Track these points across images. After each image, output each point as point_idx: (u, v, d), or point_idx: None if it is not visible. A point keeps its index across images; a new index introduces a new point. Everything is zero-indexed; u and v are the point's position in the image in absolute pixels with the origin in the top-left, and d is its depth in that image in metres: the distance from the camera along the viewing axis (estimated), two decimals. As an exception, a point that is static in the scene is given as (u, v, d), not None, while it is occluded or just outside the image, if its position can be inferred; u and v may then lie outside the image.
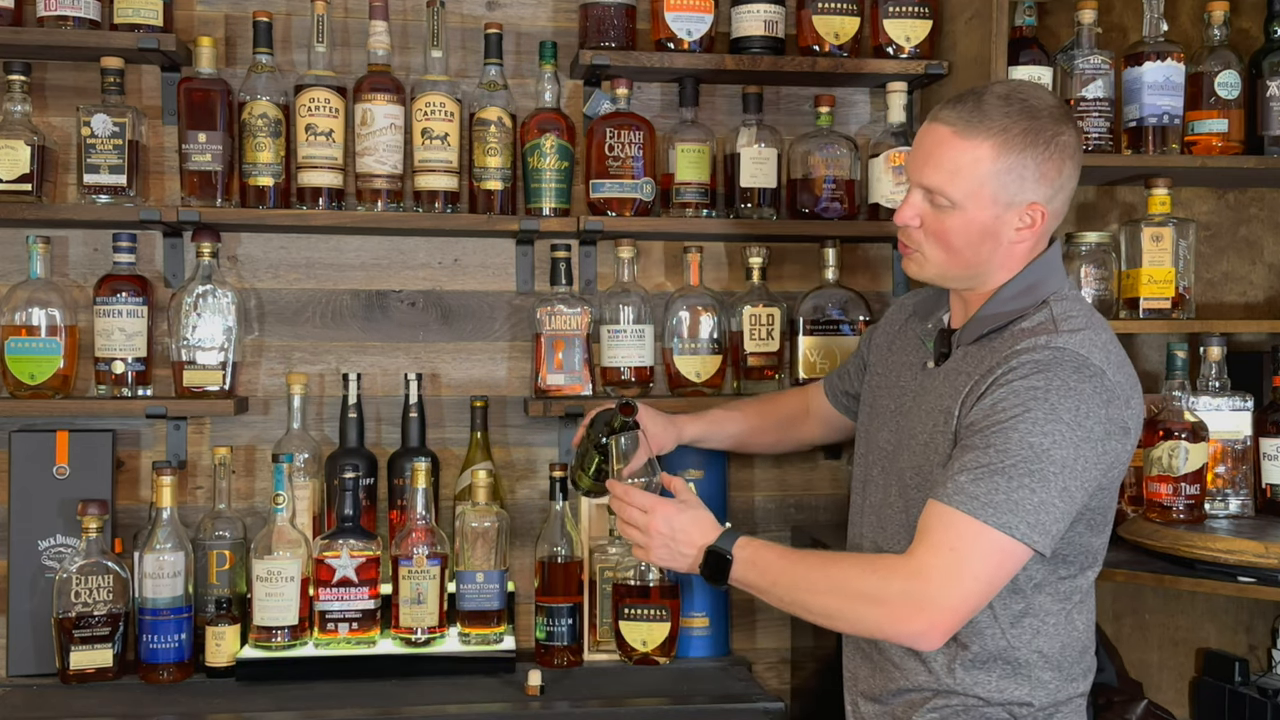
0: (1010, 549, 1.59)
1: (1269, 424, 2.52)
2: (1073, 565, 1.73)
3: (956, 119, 1.71)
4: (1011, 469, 1.58)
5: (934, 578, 1.59)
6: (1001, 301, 1.75)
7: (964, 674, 1.72)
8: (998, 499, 1.58)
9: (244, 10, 2.57)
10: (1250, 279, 2.87)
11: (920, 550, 1.62)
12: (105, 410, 2.44)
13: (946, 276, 1.79)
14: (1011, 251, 1.74)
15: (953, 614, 1.60)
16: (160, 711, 2.18)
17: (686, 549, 1.82)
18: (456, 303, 2.67)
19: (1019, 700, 1.72)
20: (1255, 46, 2.67)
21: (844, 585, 1.66)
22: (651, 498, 1.87)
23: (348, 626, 2.37)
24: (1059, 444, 1.59)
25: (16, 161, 2.36)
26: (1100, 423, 1.62)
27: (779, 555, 1.75)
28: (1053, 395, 1.60)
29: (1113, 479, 1.71)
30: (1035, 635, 1.72)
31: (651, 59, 2.52)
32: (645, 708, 2.24)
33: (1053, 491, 1.59)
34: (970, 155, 1.69)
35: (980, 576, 1.59)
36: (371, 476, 2.52)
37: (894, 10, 2.57)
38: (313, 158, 2.44)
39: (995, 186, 1.69)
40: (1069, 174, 1.73)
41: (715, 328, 2.58)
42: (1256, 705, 2.56)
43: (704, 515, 1.84)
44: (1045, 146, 1.69)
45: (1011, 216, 1.71)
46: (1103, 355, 1.66)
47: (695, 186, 2.57)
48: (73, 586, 2.30)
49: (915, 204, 1.76)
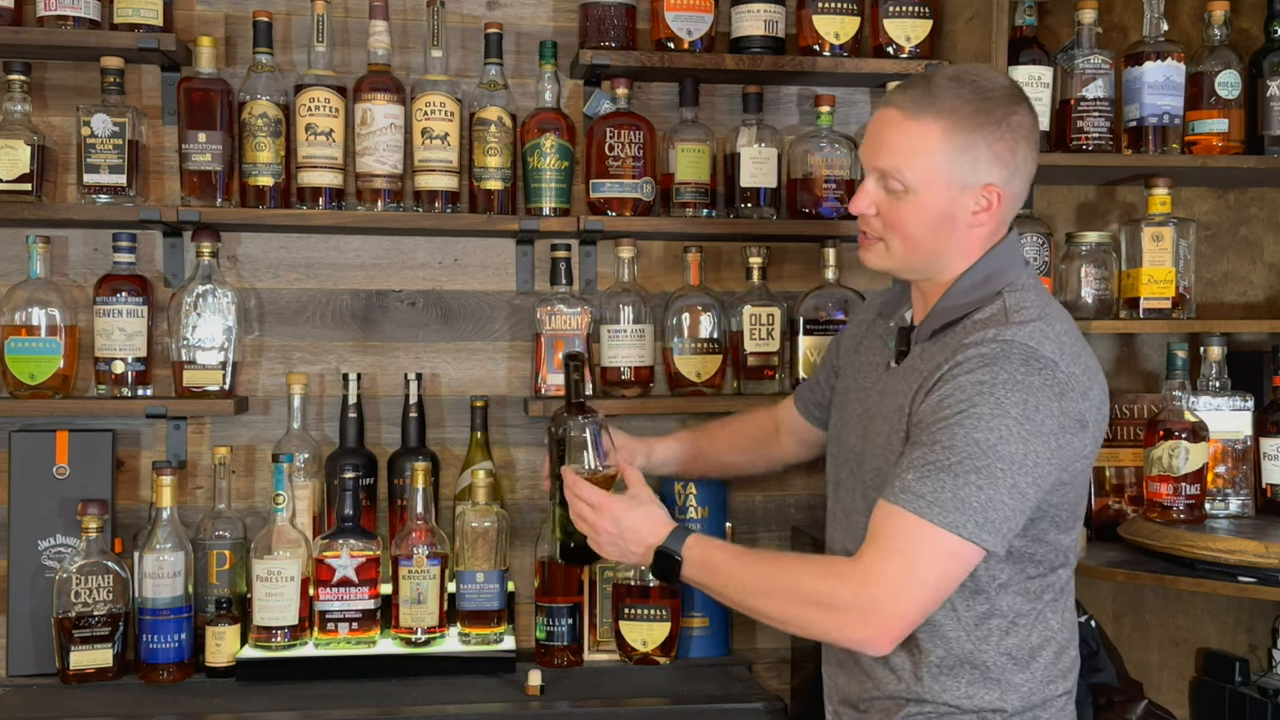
0: (959, 549, 1.55)
1: (1269, 424, 2.52)
2: (1041, 564, 1.68)
3: (906, 102, 1.69)
4: (957, 466, 1.55)
5: (882, 583, 1.56)
6: (957, 294, 1.71)
7: (931, 681, 1.68)
8: (944, 498, 1.54)
9: (244, 10, 2.56)
10: (1250, 279, 2.87)
11: (869, 554, 1.59)
12: (105, 410, 2.44)
13: (905, 266, 1.75)
14: (970, 237, 1.71)
15: (901, 620, 1.57)
16: (160, 711, 2.18)
17: (634, 547, 1.79)
18: (456, 303, 2.67)
19: (990, 707, 1.67)
20: (1255, 46, 2.67)
21: (793, 590, 1.63)
22: (599, 494, 1.82)
23: (348, 626, 2.37)
24: (1006, 439, 1.55)
25: (16, 161, 2.36)
26: (1052, 416, 1.58)
27: (729, 557, 1.71)
28: (999, 389, 1.57)
29: (1075, 474, 1.66)
30: (1003, 636, 1.67)
31: (651, 59, 2.52)
32: (645, 708, 2.24)
33: (1001, 489, 1.55)
34: (921, 137, 1.66)
35: (929, 581, 1.57)
36: (371, 476, 2.52)
37: (894, 10, 2.57)
38: (313, 157, 2.44)
39: (948, 168, 1.66)
40: (1023, 155, 1.69)
41: (715, 328, 2.58)
42: (1256, 705, 2.56)
43: (654, 512, 1.79)
44: (997, 126, 1.66)
45: (967, 199, 1.68)
46: (1055, 347, 1.61)
47: (695, 186, 2.57)
48: (73, 586, 2.29)
49: (870, 191, 1.73)
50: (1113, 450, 2.64)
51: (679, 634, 2.47)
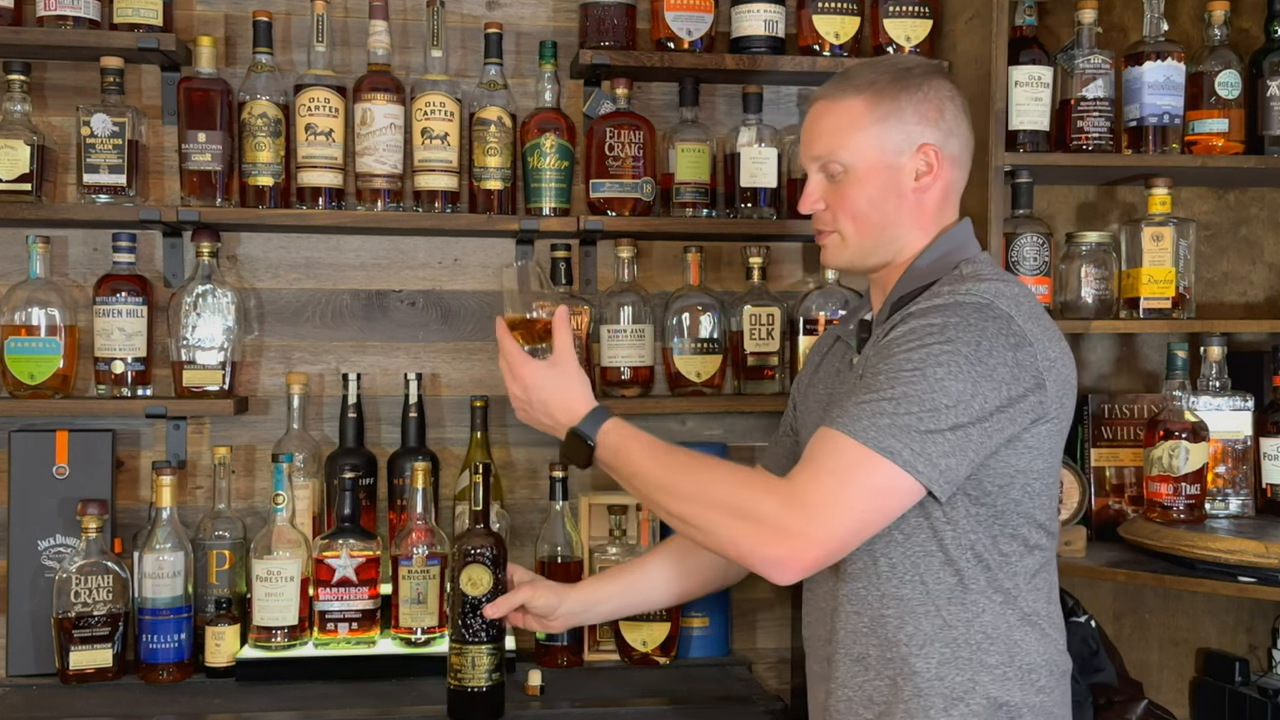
0: (892, 479, 1.49)
1: (1269, 424, 2.52)
2: (1015, 539, 1.61)
3: (826, 90, 1.73)
4: (901, 397, 1.49)
5: (805, 503, 1.49)
6: (915, 274, 1.68)
7: (900, 664, 1.60)
8: (881, 423, 1.48)
9: (244, 10, 2.57)
10: (1250, 279, 2.87)
11: (799, 473, 1.52)
12: (105, 410, 2.44)
13: (862, 250, 1.72)
14: (920, 207, 1.69)
15: (820, 546, 1.50)
16: (160, 711, 2.17)
17: (544, 419, 1.71)
18: (456, 303, 2.67)
19: (962, 689, 1.59)
20: (1255, 46, 2.67)
21: (710, 494, 1.56)
22: (518, 357, 1.71)
23: (347, 626, 2.37)
24: (954, 375, 1.50)
25: (16, 161, 2.36)
26: (1006, 365, 1.52)
27: (645, 447, 1.63)
28: (950, 329, 1.53)
29: (1041, 440, 1.59)
30: (978, 614, 1.60)
31: (651, 59, 2.52)
32: (645, 708, 2.24)
33: (943, 423, 1.49)
34: (846, 114, 1.68)
35: (855, 507, 1.49)
36: (371, 476, 2.52)
37: (894, 10, 2.57)
38: (313, 157, 2.44)
39: (878, 136, 1.67)
40: (953, 116, 1.69)
41: (715, 328, 2.58)
42: (1256, 705, 2.56)
43: (571, 386, 1.69)
44: (918, 90, 1.67)
45: (906, 164, 1.68)
46: (1011, 304, 1.57)
47: (695, 186, 2.57)
48: (72, 586, 2.29)
49: (814, 185, 1.73)
50: (1113, 450, 2.64)
51: (679, 634, 2.48)
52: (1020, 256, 2.46)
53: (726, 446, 2.69)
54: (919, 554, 1.61)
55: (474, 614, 2.04)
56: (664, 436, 2.73)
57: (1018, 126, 2.48)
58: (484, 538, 2.06)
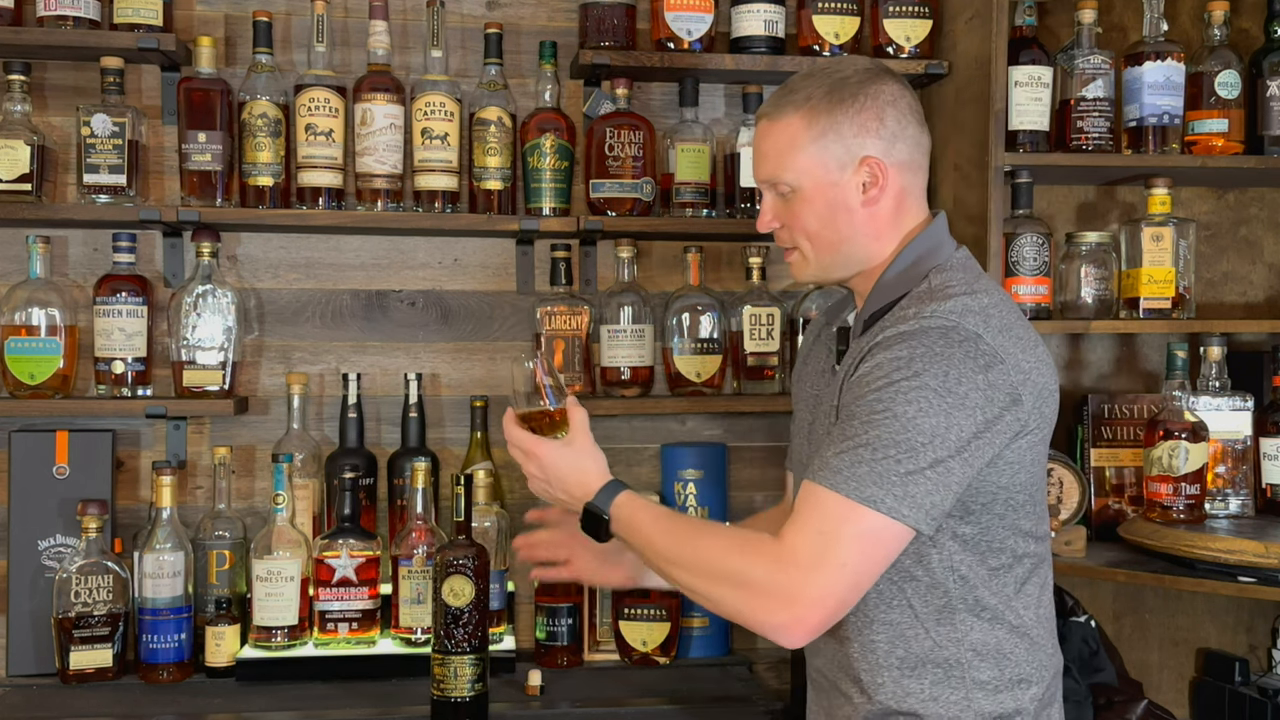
0: (878, 527, 1.48)
1: (1269, 424, 2.53)
2: (1003, 553, 1.61)
3: (768, 108, 1.71)
4: (876, 441, 1.49)
5: (797, 563, 1.49)
6: (885, 287, 1.67)
7: (894, 685, 1.62)
8: (860, 472, 1.48)
9: (244, 10, 2.57)
10: (1250, 279, 2.87)
11: (788, 532, 1.51)
12: (105, 410, 2.44)
13: (823, 265, 1.72)
14: (873, 218, 1.68)
15: (820, 606, 1.49)
16: (160, 711, 2.18)
17: (562, 495, 1.74)
18: (456, 303, 2.67)
19: (957, 710, 1.61)
20: (1255, 46, 2.67)
21: (709, 565, 1.56)
22: (527, 438, 1.75)
23: (347, 626, 2.37)
24: (925, 412, 1.49)
25: (16, 161, 2.36)
26: (977, 389, 1.51)
27: (653, 520, 1.65)
28: (916, 362, 1.51)
29: (1021, 453, 1.58)
30: (967, 632, 1.60)
31: (651, 59, 2.52)
32: (645, 708, 2.24)
33: (922, 462, 1.48)
34: (785, 134, 1.67)
35: (847, 562, 1.48)
36: (371, 476, 2.52)
37: (894, 10, 2.57)
38: (313, 157, 2.44)
39: (818, 154, 1.65)
40: (895, 121, 1.66)
41: (715, 328, 2.58)
42: (1256, 705, 2.56)
43: (583, 464, 1.72)
44: (853, 100, 1.65)
45: (850, 179, 1.66)
46: (979, 320, 1.55)
47: (695, 186, 2.57)
48: (73, 586, 2.30)
49: (768, 205, 1.73)
50: (1113, 450, 2.64)
51: (679, 634, 2.48)
52: (1020, 256, 2.46)
53: (726, 446, 2.69)
54: (904, 579, 1.61)
55: (456, 624, 2.06)
56: (664, 436, 2.75)
57: (1017, 126, 2.48)
58: (466, 549, 2.08)
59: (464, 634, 2.06)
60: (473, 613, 2.07)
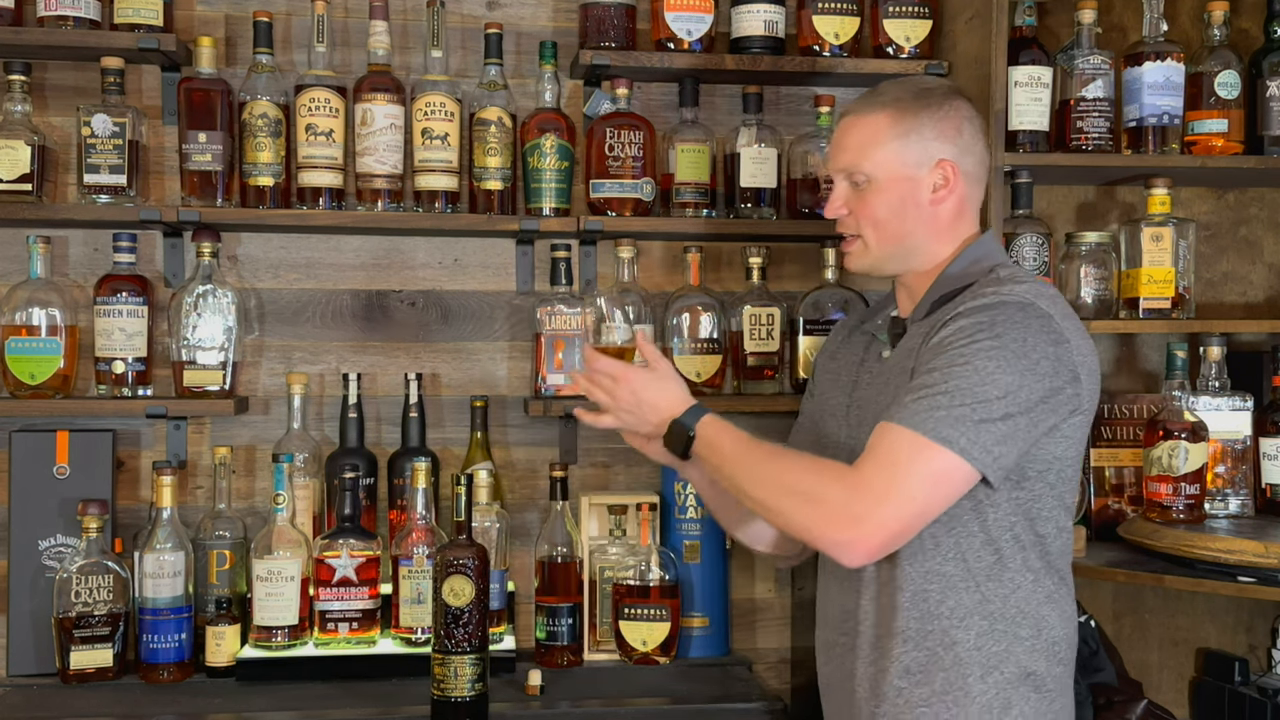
0: (951, 467, 1.60)
1: (1269, 424, 2.53)
2: (1049, 523, 1.73)
3: (854, 106, 1.86)
4: (954, 390, 1.61)
5: (870, 489, 1.61)
6: (949, 279, 1.80)
7: (942, 636, 1.71)
8: (938, 415, 1.60)
9: (244, 10, 2.57)
10: (1250, 279, 2.87)
11: (863, 463, 1.64)
12: (105, 410, 2.44)
13: (883, 255, 1.84)
14: (937, 217, 1.81)
15: (884, 530, 1.61)
16: (160, 711, 2.18)
17: (651, 417, 1.83)
18: (456, 303, 2.67)
19: (997, 660, 1.71)
20: (1255, 46, 2.67)
21: (784, 480, 1.68)
22: (619, 366, 1.85)
23: (348, 626, 2.37)
24: (1003, 369, 1.61)
25: (16, 161, 2.36)
26: (1048, 359, 1.65)
27: (734, 440, 1.75)
28: (998, 326, 1.64)
29: (1074, 430, 1.72)
30: (1012, 591, 1.72)
31: (651, 59, 2.52)
32: (645, 708, 2.24)
33: (995, 413, 1.60)
34: (870, 128, 1.81)
35: (916, 495, 1.61)
36: (371, 476, 2.52)
37: (894, 10, 2.57)
38: (313, 157, 2.44)
39: (899, 149, 1.79)
40: (970, 135, 1.82)
41: (715, 328, 2.58)
42: (1256, 705, 2.56)
43: (672, 387, 1.83)
44: (939, 108, 1.80)
45: (925, 177, 1.79)
46: (1050, 303, 1.70)
47: (695, 186, 2.57)
48: (73, 586, 2.30)
49: (839, 193, 1.85)
50: (1113, 450, 2.64)
51: (679, 634, 2.48)
52: (1020, 256, 2.46)
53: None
54: (962, 534, 1.71)
55: (456, 624, 2.06)
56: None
57: (1017, 126, 2.48)
58: (466, 549, 2.09)
59: (464, 634, 2.07)
60: (473, 613, 2.08)
